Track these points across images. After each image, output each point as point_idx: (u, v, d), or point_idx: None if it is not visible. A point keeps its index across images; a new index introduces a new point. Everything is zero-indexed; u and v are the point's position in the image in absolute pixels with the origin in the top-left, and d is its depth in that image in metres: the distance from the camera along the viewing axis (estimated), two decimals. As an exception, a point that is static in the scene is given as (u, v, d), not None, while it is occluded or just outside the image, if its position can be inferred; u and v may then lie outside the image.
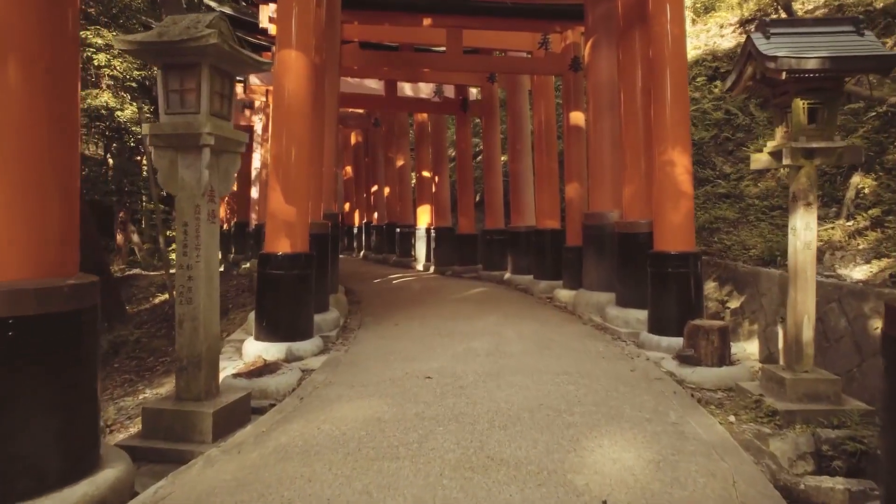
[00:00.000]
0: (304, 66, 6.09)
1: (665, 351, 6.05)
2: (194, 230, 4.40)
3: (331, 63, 7.96)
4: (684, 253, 6.24)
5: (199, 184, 4.37)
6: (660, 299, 6.34)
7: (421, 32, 10.61)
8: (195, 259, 4.39)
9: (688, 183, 6.35)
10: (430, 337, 6.70)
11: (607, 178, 8.14)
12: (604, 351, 6.17)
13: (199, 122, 4.27)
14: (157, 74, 4.42)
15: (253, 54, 4.61)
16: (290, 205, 6.00)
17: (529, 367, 5.44)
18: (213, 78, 4.39)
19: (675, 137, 6.33)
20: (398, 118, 17.38)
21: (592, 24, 8.34)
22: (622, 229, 7.31)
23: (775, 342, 6.77)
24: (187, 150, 4.39)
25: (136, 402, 6.05)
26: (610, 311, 7.33)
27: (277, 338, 5.92)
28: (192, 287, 4.39)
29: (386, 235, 18.38)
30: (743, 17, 16.73)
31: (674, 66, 6.32)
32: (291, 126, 6.05)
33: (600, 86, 8.21)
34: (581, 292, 8.42)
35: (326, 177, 7.92)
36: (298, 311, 6.04)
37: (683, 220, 6.31)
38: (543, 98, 10.80)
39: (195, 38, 4.13)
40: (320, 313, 6.80)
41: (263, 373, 5.31)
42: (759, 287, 7.31)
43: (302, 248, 6.14)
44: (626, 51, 7.36)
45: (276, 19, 6.14)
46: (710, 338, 5.43)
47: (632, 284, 7.15)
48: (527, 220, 11.79)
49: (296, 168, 6.07)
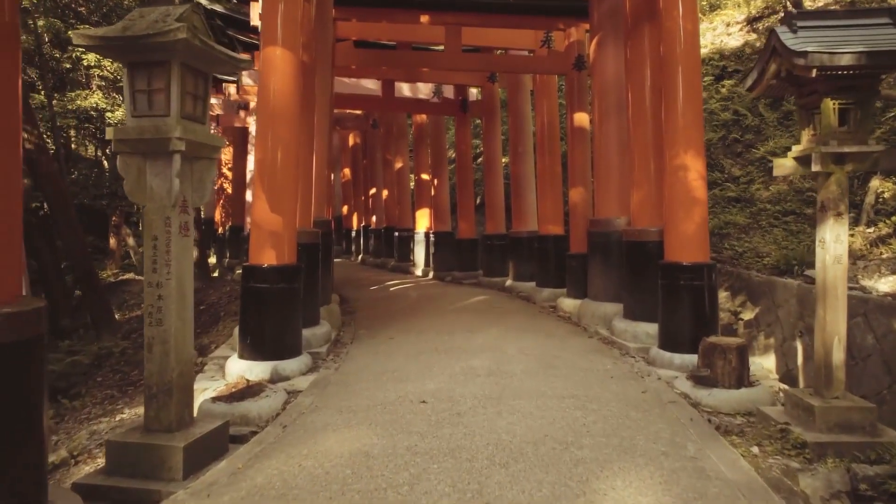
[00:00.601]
0: (291, 64, 5.69)
1: (678, 369, 5.64)
2: (164, 244, 4.00)
3: (322, 62, 7.56)
4: (698, 264, 5.83)
5: (169, 194, 3.97)
6: (671, 313, 5.93)
7: (419, 30, 10.20)
8: (165, 276, 4.00)
9: (702, 189, 5.95)
10: (427, 353, 6.29)
11: (614, 183, 7.73)
12: (612, 369, 5.76)
13: (169, 126, 3.87)
14: (123, 73, 4.02)
15: (228, 51, 4.21)
16: (275, 213, 5.60)
17: (533, 389, 5.04)
18: (185, 77, 3.99)
19: (688, 140, 5.93)
20: (396, 119, 16.98)
21: (598, 21, 7.93)
22: (630, 237, 6.90)
23: (794, 358, 6.36)
24: (156, 157, 3.99)
25: (112, 425, 5.65)
26: (617, 324, 6.92)
27: (262, 356, 5.52)
28: (163, 307, 3.99)
29: (384, 239, 17.97)
30: (750, 15, 16.32)
31: (686, 63, 5.92)
32: (277, 128, 5.64)
33: (606, 85, 7.80)
34: (586, 302, 8.01)
35: (318, 182, 7.52)
36: (285, 327, 5.63)
37: (697, 228, 5.90)
38: (546, 98, 10.39)
39: (162, 32, 3.74)
40: (310, 327, 6.41)
41: (245, 396, 4.91)
42: (775, 298, 6.90)
43: (289, 260, 5.74)
44: (634, 48, 6.96)
45: (261, 14, 5.74)
46: (727, 357, 5.02)
47: (641, 296, 6.74)
48: (529, 226, 11.39)
49: (282, 173, 5.67)
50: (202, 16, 4.19)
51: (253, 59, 10.08)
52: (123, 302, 14.62)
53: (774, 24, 15.26)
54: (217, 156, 4.35)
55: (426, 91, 14.73)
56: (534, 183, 11.59)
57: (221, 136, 21.73)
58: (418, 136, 15.74)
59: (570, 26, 9.44)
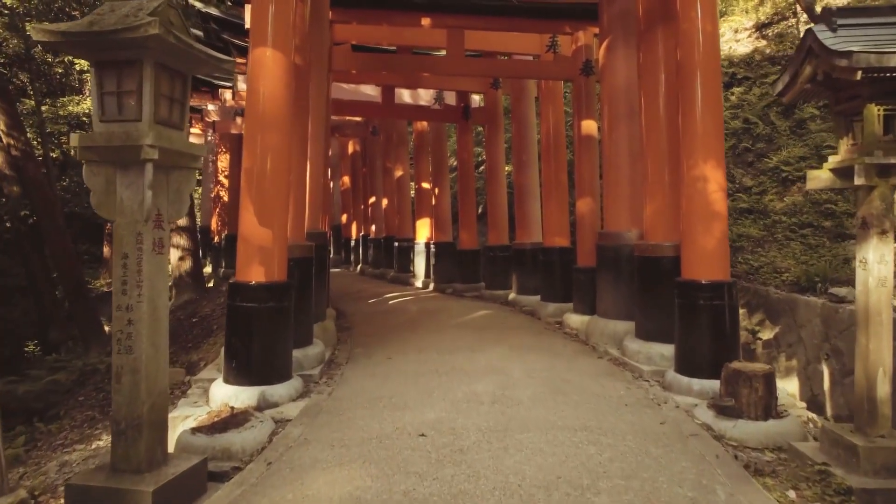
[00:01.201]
0: (283, 66, 5.31)
1: (697, 396, 5.23)
2: (135, 263, 3.59)
3: (318, 65, 7.18)
4: (718, 283, 5.42)
5: (141, 207, 3.57)
6: (689, 335, 5.51)
7: (419, 34, 9.83)
8: (136, 298, 3.59)
9: (722, 202, 5.55)
10: (427, 376, 5.88)
11: (624, 194, 7.33)
12: (626, 395, 5.34)
13: (141, 132, 3.48)
14: (90, 73, 3.63)
15: (209, 50, 3.82)
16: (264, 227, 5.20)
17: (542, 420, 4.62)
18: (159, 77, 3.61)
19: (707, 149, 5.54)
20: (397, 126, 16.60)
21: (608, 24, 7.56)
22: (643, 252, 6.50)
23: (819, 382, 5.94)
24: (127, 167, 3.60)
25: (86, 454, 5.23)
26: (629, 344, 6.50)
27: (249, 381, 5.11)
28: (133, 333, 3.58)
29: (384, 249, 17.56)
30: (759, 22, 15.97)
31: (706, 67, 5.53)
32: (267, 134, 5.25)
33: (617, 91, 7.42)
34: (595, 319, 7.59)
35: (312, 191, 7.12)
36: (274, 349, 5.22)
37: (717, 244, 5.49)
38: (551, 105, 10.00)
39: (132, 27, 3.34)
40: (302, 348, 6.00)
41: (229, 426, 4.50)
42: (797, 317, 6.49)
43: (279, 277, 5.33)
44: (647, 52, 6.58)
45: (251, 13, 5.36)
46: (753, 385, 4.60)
47: (654, 315, 6.33)
48: (533, 237, 10.98)
49: (272, 183, 5.28)
50: (180, 11, 3.81)
51: (248, 62, 9.70)
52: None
53: (784, 29, 14.95)
54: (197, 165, 3.95)
55: (427, 98, 14.36)
56: (538, 193, 11.19)
57: (206, 144, 21.43)
58: (419, 144, 15.36)
59: (577, 30, 9.06)
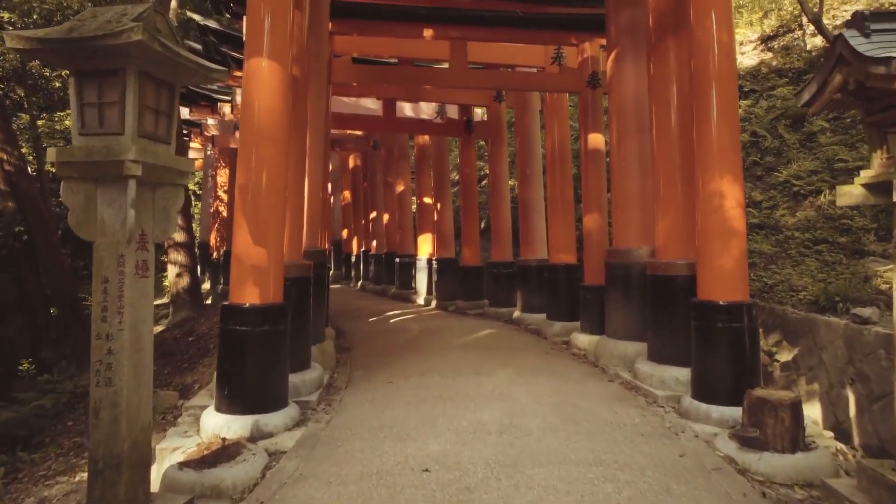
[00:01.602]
0: (279, 77, 5.07)
1: (716, 424, 4.94)
2: (116, 288, 3.33)
3: (316, 77, 6.95)
4: (737, 304, 5.14)
5: (123, 227, 3.31)
6: (707, 359, 5.23)
7: (421, 46, 9.63)
8: (117, 326, 3.32)
9: (740, 219, 5.29)
10: (430, 402, 5.58)
11: (634, 210, 7.07)
12: (641, 423, 5.04)
13: (123, 146, 3.22)
14: (70, 83, 3.38)
15: (199, 59, 3.58)
16: (259, 246, 4.94)
17: (553, 452, 4.32)
18: (144, 88, 3.36)
19: (724, 163, 5.29)
20: (398, 140, 16.39)
21: (615, 35, 7.33)
22: (655, 271, 6.22)
23: (844, 408, 5.63)
24: (108, 183, 3.34)
25: (67, 489, 4.93)
26: (642, 367, 6.21)
27: (242, 409, 4.81)
28: (114, 363, 3.31)
29: (385, 265, 17.28)
30: (764, 34, 15.80)
31: (722, 78, 5.29)
32: (262, 149, 5.00)
33: (625, 103, 7.18)
34: (604, 340, 7.30)
35: (311, 207, 6.87)
36: (269, 375, 4.93)
37: (735, 263, 5.23)
38: (556, 118, 9.77)
39: (114, 33, 3.10)
40: (299, 372, 5.71)
41: (219, 460, 4.20)
42: (817, 338, 6.19)
43: (274, 298, 5.05)
44: (658, 63, 6.35)
45: (246, 22, 5.14)
46: (779, 415, 4.31)
47: (668, 336, 6.06)
48: (538, 253, 10.71)
49: (267, 200, 5.02)
50: (168, 18, 3.57)
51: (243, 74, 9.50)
52: (110, 331, 13.90)
53: (790, 42, 14.76)
54: (185, 181, 3.70)
55: (429, 111, 14.16)
56: (543, 208, 10.94)
57: (205, 159, 21.19)
58: (420, 158, 15.14)
59: (583, 41, 8.85)
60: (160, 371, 9.36)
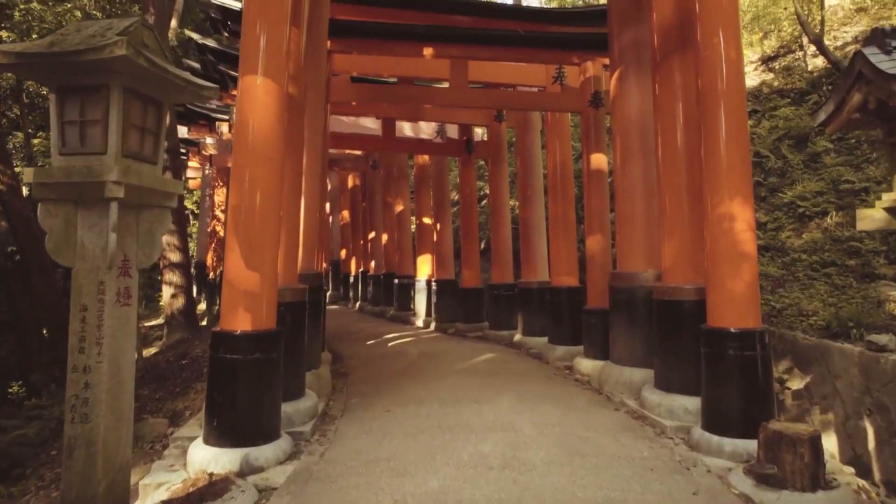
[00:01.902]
0: (275, 95, 4.91)
1: (729, 458, 4.71)
2: (96, 317, 3.12)
3: (314, 96, 6.81)
4: (748, 331, 4.93)
5: (104, 252, 3.11)
6: (718, 389, 5.00)
7: (421, 64, 9.51)
8: (95, 358, 3.11)
9: (751, 242, 5.10)
10: (429, 433, 5.34)
11: (639, 232, 6.89)
12: (650, 457, 4.80)
13: (105, 166, 3.04)
14: (50, 101, 3.21)
15: (188, 75, 3.41)
16: (252, 270, 4.74)
17: (560, 490, 4.08)
18: (129, 105, 3.18)
19: (733, 185, 5.11)
20: (397, 160, 16.26)
21: (619, 54, 7.21)
22: (662, 296, 6.02)
23: (862, 441, 5.40)
24: (89, 206, 3.15)
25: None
26: (649, 395, 5.98)
27: (231, 441, 4.58)
28: (91, 399, 3.10)
29: (383, 286, 17.05)
30: (764, 55, 15.78)
31: (730, 97, 5.13)
32: (256, 168, 4.83)
33: (629, 123, 7.03)
34: (609, 366, 7.07)
35: (307, 229, 6.68)
36: (260, 406, 4.71)
37: (746, 288, 5.02)
38: (558, 138, 9.63)
39: (97, 47, 2.93)
40: (293, 401, 5.48)
41: (205, 497, 3.97)
42: (831, 366, 5.98)
43: (267, 325, 4.84)
44: (663, 82, 6.20)
45: (241, 39, 4.99)
46: (797, 451, 4.08)
47: (675, 363, 5.84)
48: (539, 275, 10.51)
49: (261, 222, 4.83)
50: (156, 33, 3.41)
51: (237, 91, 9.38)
52: (103, 352, 13.63)
53: (791, 62, 14.71)
54: (172, 203, 3.51)
55: (428, 131, 14.05)
56: (545, 229, 10.77)
57: (203, 178, 21.02)
58: (420, 178, 14.99)
59: (585, 60, 8.74)
60: (151, 396, 9.10)
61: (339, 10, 8.50)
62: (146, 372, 10.84)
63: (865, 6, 15.27)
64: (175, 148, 14.41)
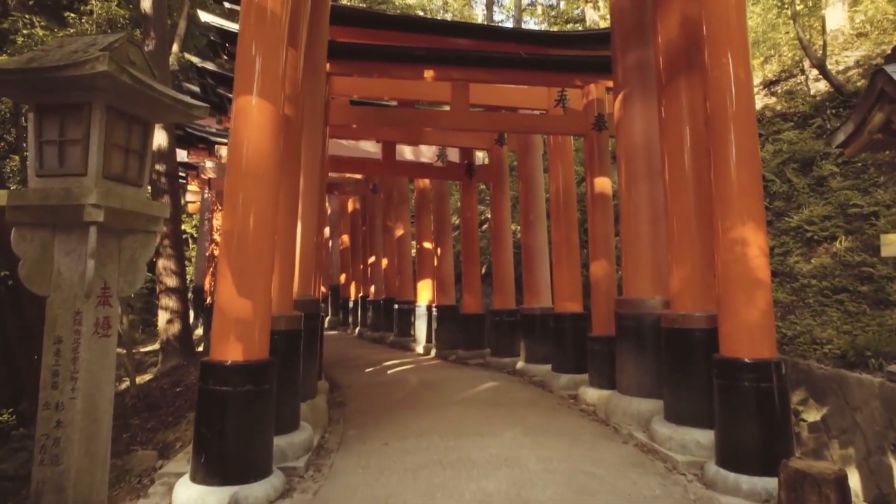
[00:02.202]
0: (269, 116, 4.75)
1: (747, 497, 4.45)
2: (71, 349, 2.91)
3: (312, 118, 6.66)
4: (764, 361, 4.71)
5: (82, 279, 2.91)
6: (733, 423, 4.76)
7: (422, 87, 9.41)
8: (69, 394, 2.89)
9: (764, 268, 4.89)
10: (429, 469, 5.08)
11: (646, 257, 6.69)
12: (662, 496, 4.55)
13: (84, 189, 2.85)
14: (29, 119, 3.03)
15: (176, 94, 3.24)
16: (244, 297, 4.53)
17: (569, 534, 3.82)
18: (113, 124, 3.00)
19: (745, 209, 4.92)
20: (398, 184, 16.13)
21: (623, 77, 7.08)
22: (671, 323, 5.79)
23: (887, 478, 5.13)
24: (67, 230, 2.96)
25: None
26: (659, 428, 5.72)
27: (220, 479, 4.32)
28: (62, 439, 2.86)
29: (383, 312, 16.79)
30: (766, 79, 15.75)
31: (740, 119, 4.97)
32: (250, 191, 4.64)
33: (634, 146, 6.88)
34: (616, 396, 6.82)
35: (304, 254, 6.48)
36: (251, 441, 4.46)
37: (761, 316, 4.80)
38: (561, 161, 9.48)
39: (77, 63, 2.76)
40: (286, 434, 5.23)
41: (189, 542, 3.71)
42: (849, 398, 5.73)
43: (260, 355, 4.62)
44: (669, 104, 6.06)
45: (237, 57, 4.84)
46: (822, 492, 3.82)
47: (686, 394, 5.59)
48: (542, 301, 10.29)
49: (254, 247, 4.63)
50: (143, 50, 3.25)
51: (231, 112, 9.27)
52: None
53: (793, 87, 14.63)
54: (157, 228, 3.32)
55: (429, 155, 13.94)
56: (547, 254, 10.58)
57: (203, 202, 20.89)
58: (420, 202, 14.84)
59: (588, 83, 8.62)
60: (142, 426, 8.82)
61: (340, 32, 8.42)
62: (139, 400, 10.57)
63: (865, 31, 15.29)
64: (174, 171, 14.29)
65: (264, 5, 4.81)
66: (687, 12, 6.06)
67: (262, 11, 4.79)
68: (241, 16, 4.83)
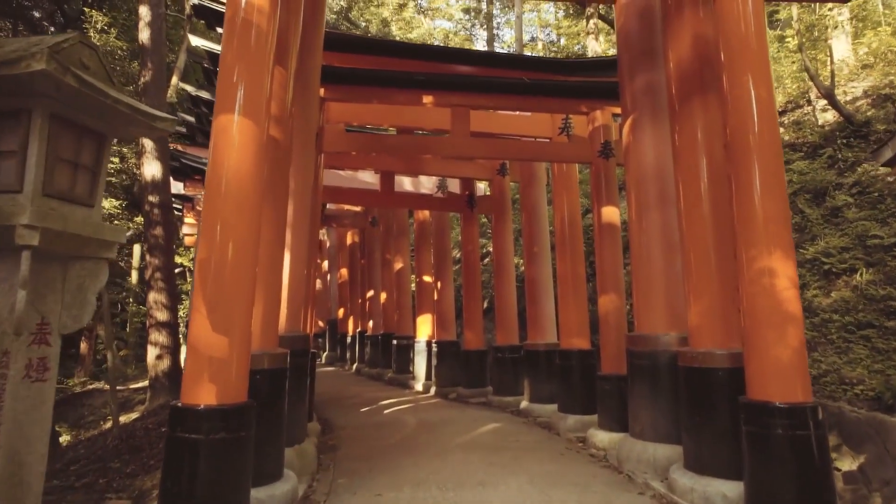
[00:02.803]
0: (251, 138, 4.36)
1: (784, 561, 3.91)
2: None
3: (303, 143, 6.30)
4: (798, 406, 4.25)
5: (11, 313, 2.47)
6: (764, 474, 4.27)
7: (421, 114, 9.10)
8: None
9: (795, 301, 4.46)
10: (425, 526, 4.55)
11: (659, 291, 6.24)
12: (689, 559, 4.00)
13: (17, 207, 2.44)
14: (-40, 128, 2.63)
15: (136, 103, 2.85)
16: (219, 333, 4.08)
17: None
18: (57, 134, 2.61)
19: (771, 238, 4.52)
20: (397, 216, 15.76)
21: (631, 101, 6.73)
22: (690, 362, 5.32)
23: (936, 537, 4.60)
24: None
25: None
26: (679, 477, 5.19)
27: (187, 540, 3.81)
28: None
29: (381, 347, 16.26)
30: (773, 110, 15.46)
31: (763, 141, 4.60)
32: (228, 218, 4.23)
33: (645, 174, 6.49)
34: (628, 441, 6.29)
35: (292, 287, 6.05)
36: (222, 496, 3.96)
37: (794, 355, 4.35)
38: (566, 191, 9.11)
39: (10, 61, 2.37)
40: (267, 485, 4.72)
41: None
42: (889, 445, 5.21)
43: (236, 397, 4.15)
44: (683, 128, 5.69)
45: (219, 73, 4.47)
46: (877, 559, 3.31)
47: (709, 441, 5.09)
48: (547, 337, 9.81)
49: (232, 278, 4.20)
50: (101, 55, 2.87)
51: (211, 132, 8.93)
52: (80, 418, 12.80)
53: (801, 117, 14.37)
54: (109, 254, 2.90)
55: (429, 186, 13.60)
56: (552, 287, 10.13)
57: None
58: (420, 235, 14.44)
59: (594, 109, 8.29)
60: (122, 470, 8.29)
61: (336, 59, 8.14)
62: (121, 441, 10.03)
63: (870, 63, 15.13)
64: (168, 203, 13.99)
65: (249, 17, 4.47)
66: (700, 31, 5.75)
67: (246, 22, 4.44)
68: (225, 25, 4.48)
